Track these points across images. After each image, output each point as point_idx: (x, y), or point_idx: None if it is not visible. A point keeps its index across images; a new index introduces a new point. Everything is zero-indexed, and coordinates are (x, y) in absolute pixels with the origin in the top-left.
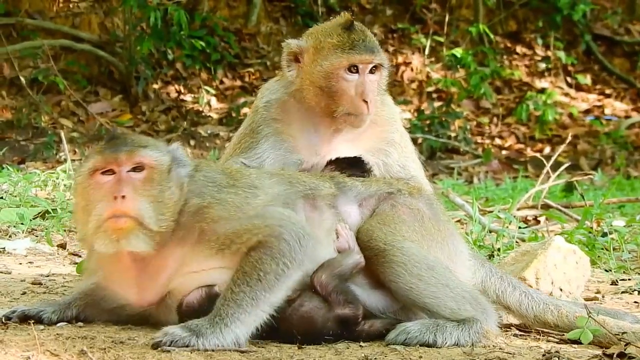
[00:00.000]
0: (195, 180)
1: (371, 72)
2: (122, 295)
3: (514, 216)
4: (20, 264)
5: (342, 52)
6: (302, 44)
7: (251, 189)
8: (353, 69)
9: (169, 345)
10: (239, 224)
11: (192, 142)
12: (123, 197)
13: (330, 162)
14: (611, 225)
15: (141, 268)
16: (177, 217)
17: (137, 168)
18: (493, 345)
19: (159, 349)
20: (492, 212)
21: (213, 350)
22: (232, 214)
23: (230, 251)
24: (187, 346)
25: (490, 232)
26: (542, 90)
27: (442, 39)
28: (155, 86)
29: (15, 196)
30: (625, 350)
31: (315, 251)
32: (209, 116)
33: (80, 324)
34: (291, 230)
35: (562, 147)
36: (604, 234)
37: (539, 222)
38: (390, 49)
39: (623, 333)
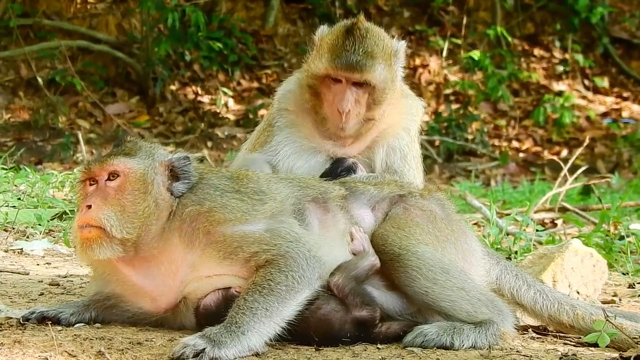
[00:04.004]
0: (199, 187)
1: (358, 84)
2: (137, 303)
3: (531, 219)
4: (38, 264)
5: (328, 60)
6: (321, 35)
7: (258, 194)
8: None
9: (192, 358)
10: (247, 228)
11: (209, 144)
12: (89, 207)
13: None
14: (628, 229)
15: (149, 275)
16: (163, 222)
17: (114, 175)
18: (510, 348)
19: None
20: (509, 215)
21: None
22: (238, 217)
23: (238, 259)
24: (211, 359)
25: (508, 235)
26: (559, 93)
27: (459, 42)
28: (173, 87)
29: (33, 197)
30: None
31: (323, 272)
32: (226, 118)
33: (98, 325)
34: (299, 251)
35: (579, 150)
36: (621, 237)
37: (556, 225)
38: (408, 51)
39: None
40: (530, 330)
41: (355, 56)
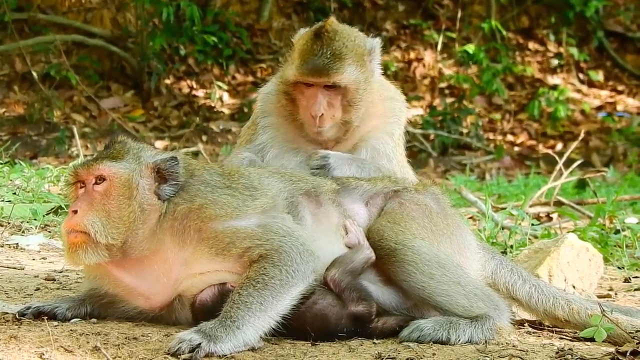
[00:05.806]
0: (190, 184)
1: (329, 87)
2: (131, 302)
3: (527, 213)
4: (34, 259)
5: (297, 65)
6: (296, 39)
7: (249, 190)
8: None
9: (188, 353)
10: (238, 224)
11: (204, 138)
12: (75, 212)
13: None
14: (624, 222)
15: (141, 276)
16: (152, 225)
17: (100, 179)
18: (506, 343)
19: (179, 357)
20: (504, 209)
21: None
22: (229, 212)
23: (231, 255)
24: (206, 355)
25: (503, 229)
26: (554, 87)
27: (454, 35)
28: (168, 82)
29: (28, 192)
30: (638, 347)
31: (317, 266)
32: (221, 112)
33: (94, 320)
34: (292, 245)
35: (574, 144)
36: (617, 231)
37: (551, 219)
38: (403, 45)
39: (637, 331)
40: (526, 324)
41: (322, 59)
